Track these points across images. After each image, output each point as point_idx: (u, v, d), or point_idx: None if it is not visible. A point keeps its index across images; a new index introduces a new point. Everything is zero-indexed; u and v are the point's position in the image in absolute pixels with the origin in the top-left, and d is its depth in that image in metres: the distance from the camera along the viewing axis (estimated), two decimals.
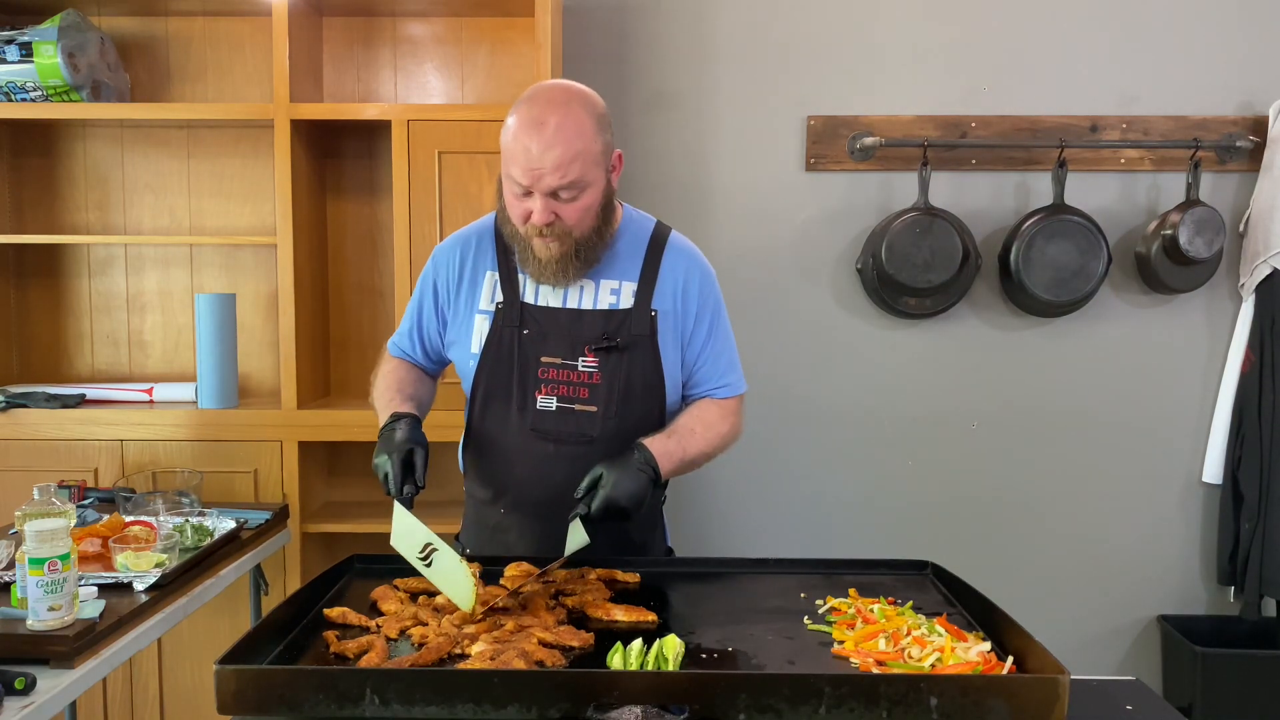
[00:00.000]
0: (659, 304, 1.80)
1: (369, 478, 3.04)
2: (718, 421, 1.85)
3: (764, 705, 1.19)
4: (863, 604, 1.56)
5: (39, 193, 3.02)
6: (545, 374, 1.78)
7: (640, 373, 1.79)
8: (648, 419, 1.80)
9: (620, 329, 1.78)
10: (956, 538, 3.10)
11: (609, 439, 1.76)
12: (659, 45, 3.03)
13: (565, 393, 1.78)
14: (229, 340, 2.80)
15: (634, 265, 1.81)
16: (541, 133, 1.62)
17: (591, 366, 1.77)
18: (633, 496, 1.63)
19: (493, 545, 1.88)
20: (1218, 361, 3.07)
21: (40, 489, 1.80)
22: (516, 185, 1.66)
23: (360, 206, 3.04)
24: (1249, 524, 2.98)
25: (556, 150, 1.62)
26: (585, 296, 1.80)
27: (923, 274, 2.89)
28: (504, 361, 1.79)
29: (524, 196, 1.67)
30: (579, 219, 1.69)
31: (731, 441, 1.89)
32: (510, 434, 1.80)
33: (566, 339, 1.78)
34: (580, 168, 1.64)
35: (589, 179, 1.67)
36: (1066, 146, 2.94)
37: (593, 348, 1.77)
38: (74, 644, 1.60)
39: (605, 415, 1.77)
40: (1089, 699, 1.43)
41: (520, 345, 1.79)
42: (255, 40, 2.96)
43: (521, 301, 1.80)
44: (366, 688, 1.20)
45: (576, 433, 1.78)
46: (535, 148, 1.62)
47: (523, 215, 1.69)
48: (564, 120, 1.63)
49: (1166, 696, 3.00)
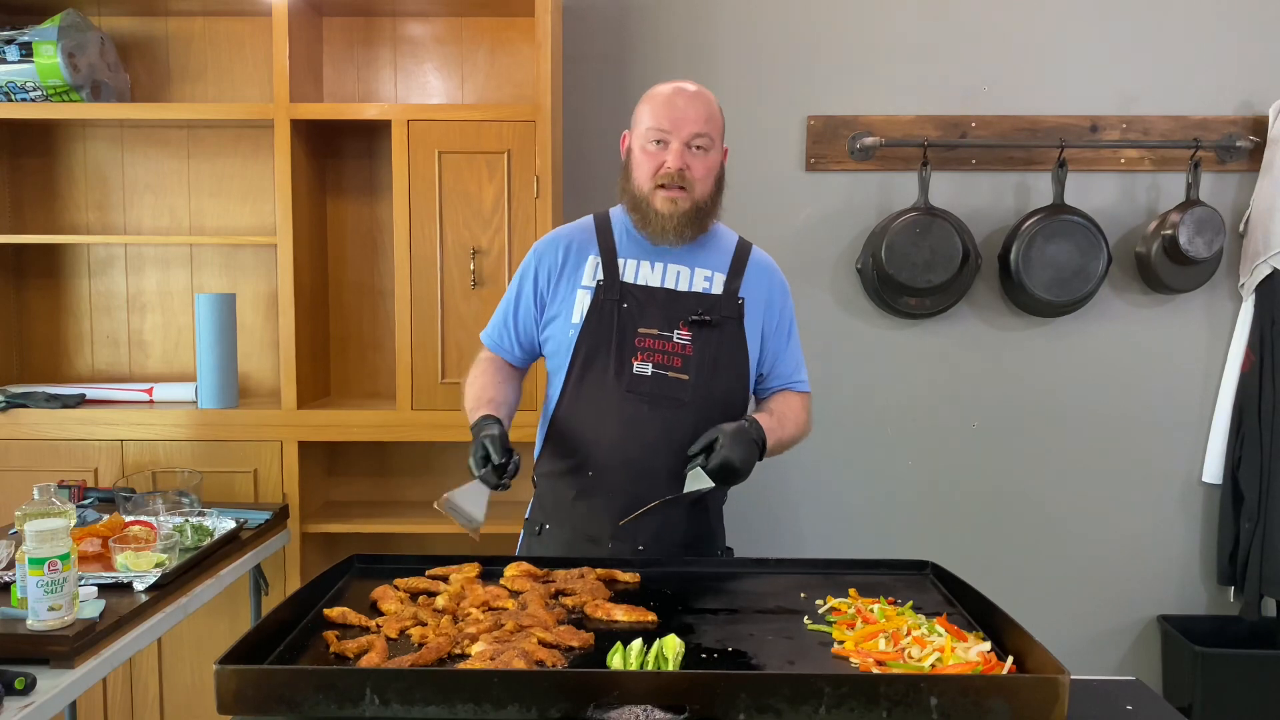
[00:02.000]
0: (745, 294, 1.99)
1: (369, 477, 3.07)
2: (801, 411, 2.05)
3: (764, 705, 1.19)
4: (863, 604, 1.56)
5: (39, 193, 3.02)
6: (642, 343, 1.92)
7: (728, 349, 1.95)
8: (732, 392, 1.96)
9: (713, 308, 1.95)
10: (956, 538, 3.10)
11: (697, 405, 1.91)
12: (659, 45, 3.03)
13: (660, 360, 1.92)
14: (229, 340, 2.80)
15: (724, 260, 2.01)
16: (685, 94, 1.92)
17: (685, 339, 1.93)
18: (745, 461, 1.80)
19: (572, 516, 1.97)
20: (1218, 361, 3.07)
21: (40, 489, 1.80)
22: (655, 136, 1.90)
23: (360, 206, 3.04)
24: (1249, 524, 2.98)
25: (699, 104, 1.90)
26: (681, 279, 1.97)
27: (923, 274, 2.89)
28: (604, 329, 1.93)
29: (659, 149, 1.90)
30: (704, 175, 1.91)
31: (807, 434, 2.07)
32: (607, 396, 1.92)
33: (662, 313, 1.94)
34: (711, 127, 1.91)
35: (715, 140, 1.93)
36: (1066, 146, 2.94)
37: (687, 321, 1.93)
38: (74, 644, 1.60)
39: (696, 383, 1.91)
40: (1089, 699, 1.43)
41: (619, 316, 1.93)
42: (255, 40, 2.96)
43: (621, 280, 1.96)
44: (366, 688, 1.20)
45: (669, 396, 1.91)
46: (681, 101, 1.90)
47: (654, 168, 1.90)
48: (700, 93, 1.94)
49: (1166, 696, 3.00)
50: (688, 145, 1.88)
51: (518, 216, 2.71)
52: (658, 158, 1.89)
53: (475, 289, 2.72)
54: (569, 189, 3.01)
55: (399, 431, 2.75)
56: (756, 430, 1.85)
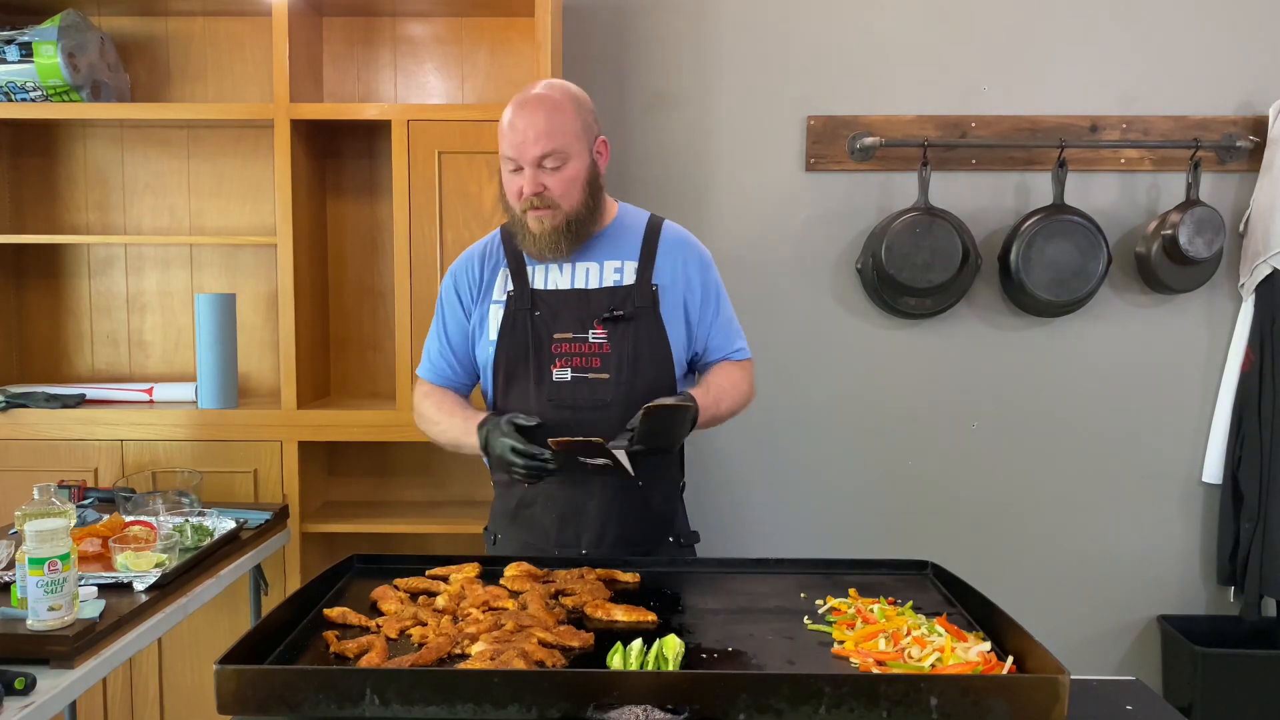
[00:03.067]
0: (659, 279, 1.96)
1: (369, 477, 3.07)
2: (740, 380, 2.03)
3: (764, 705, 1.19)
4: (863, 604, 1.56)
5: (39, 193, 3.02)
6: (559, 349, 1.92)
7: (647, 341, 1.93)
8: (657, 385, 1.93)
9: (625, 301, 1.93)
10: (956, 538, 3.10)
11: (622, 403, 1.89)
12: (659, 45, 3.03)
13: (579, 364, 1.92)
14: (229, 340, 2.80)
15: (634, 247, 1.98)
16: (524, 111, 1.87)
17: (601, 337, 1.92)
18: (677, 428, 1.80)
19: (519, 524, 1.99)
20: (1218, 361, 3.07)
21: (40, 489, 1.80)
22: (509, 163, 1.88)
23: (360, 206, 3.04)
24: (1249, 524, 2.98)
25: (538, 123, 1.84)
26: (591, 277, 1.95)
27: (923, 274, 2.89)
28: (519, 342, 1.94)
29: (515, 173, 1.87)
30: (565, 189, 1.87)
31: (749, 401, 2.07)
32: (530, 408, 1.91)
33: (575, 315, 1.93)
34: (559, 139, 1.85)
35: (569, 151, 1.87)
36: (1066, 146, 2.94)
37: (600, 319, 1.92)
38: (74, 644, 1.60)
39: (617, 381, 1.91)
40: (1089, 699, 1.43)
41: (533, 325, 1.93)
42: (255, 40, 2.96)
43: (531, 288, 1.95)
44: (366, 688, 1.20)
45: (592, 399, 1.91)
46: (520, 123, 1.85)
47: (516, 192, 1.88)
48: (542, 101, 1.87)
49: (1166, 696, 3.00)
50: (538, 166, 1.85)
51: None
52: (516, 182, 1.87)
53: None
54: None
55: (399, 431, 2.75)
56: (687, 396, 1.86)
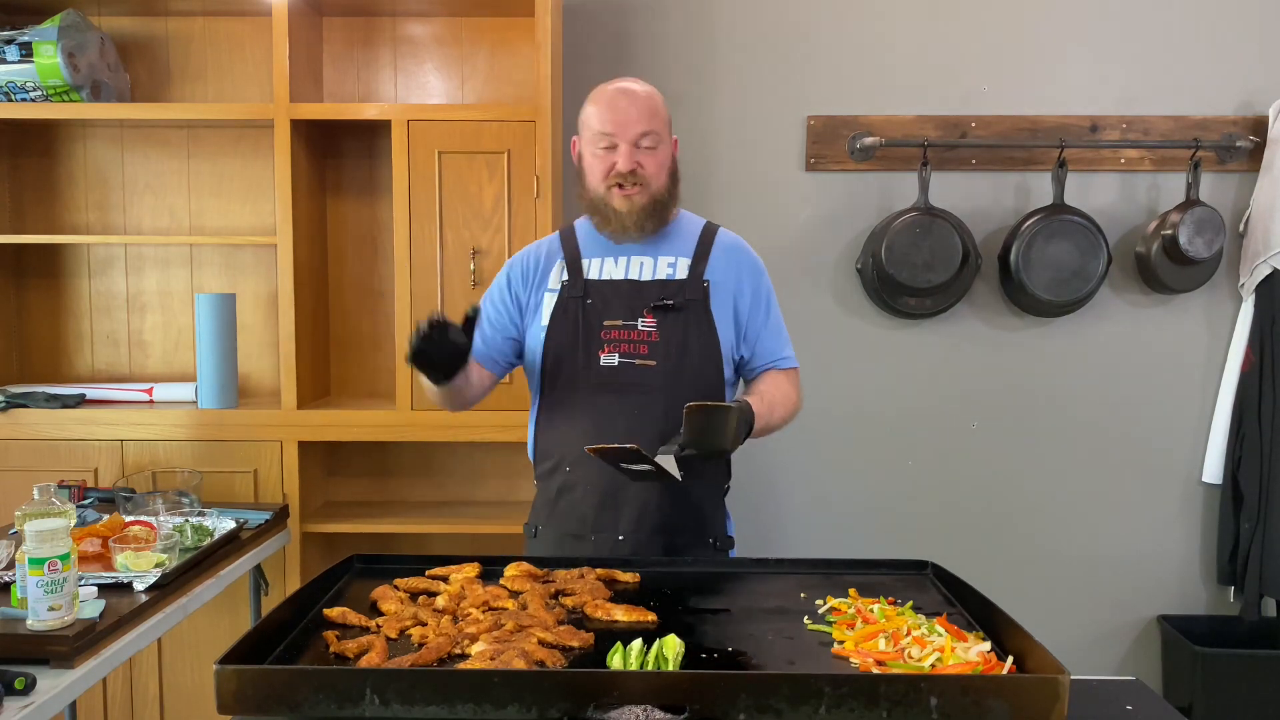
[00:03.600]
0: (711, 277, 1.99)
1: (369, 477, 3.07)
2: (790, 390, 2.04)
3: (764, 705, 1.19)
4: (863, 604, 1.56)
5: (39, 193, 3.02)
6: (608, 334, 1.95)
7: (695, 333, 1.96)
8: (703, 377, 1.96)
9: (676, 293, 1.96)
10: (956, 538, 3.10)
11: (667, 389, 1.91)
12: (659, 45, 3.03)
13: (626, 350, 1.94)
14: (229, 340, 2.80)
15: (689, 246, 2.02)
16: (624, 94, 1.94)
17: (650, 325, 1.95)
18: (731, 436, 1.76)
19: (559, 513, 2.00)
20: (1218, 361, 3.07)
21: (40, 489, 1.80)
22: (603, 140, 1.92)
23: (360, 206, 3.04)
24: (1249, 524, 2.98)
25: (642, 103, 1.93)
26: (645, 269, 1.99)
27: (923, 274, 2.89)
28: (569, 327, 1.97)
29: (608, 152, 1.93)
30: (656, 170, 1.94)
31: (798, 411, 2.06)
32: (577, 391, 1.95)
33: (626, 304, 1.96)
34: (657, 123, 1.94)
35: (663, 136, 1.96)
36: (1066, 146, 2.94)
37: (650, 307, 1.95)
38: (74, 644, 1.60)
39: (663, 370, 1.93)
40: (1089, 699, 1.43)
41: (584, 312, 1.97)
42: (255, 40, 2.96)
43: (586, 279, 2.00)
44: (366, 688, 1.20)
45: (637, 384, 1.93)
46: (623, 103, 1.93)
47: (606, 169, 1.93)
48: (639, 89, 1.96)
49: (1166, 696, 3.00)
50: (635, 145, 1.91)
51: (518, 216, 2.71)
52: (608, 160, 1.92)
53: (475, 289, 2.72)
54: (569, 189, 3.01)
55: (399, 431, 2.75)
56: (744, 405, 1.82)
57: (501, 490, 3.06)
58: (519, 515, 2.85)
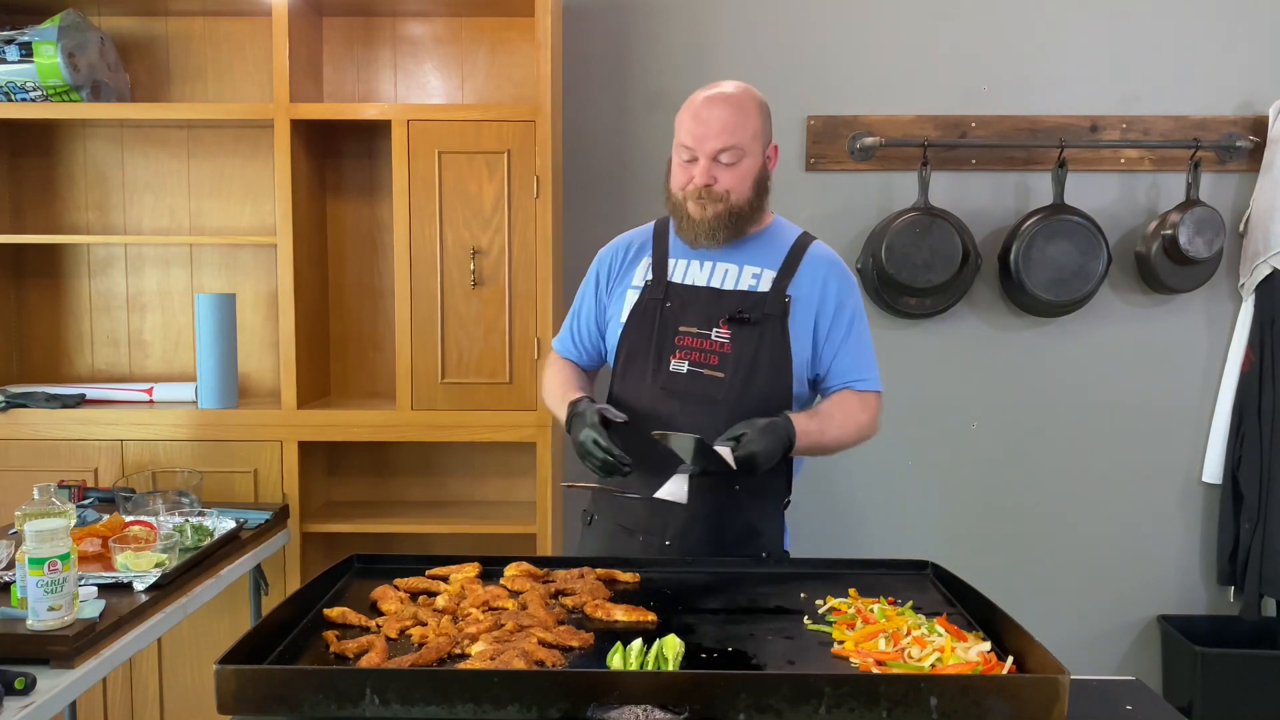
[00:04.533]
0: (795, 292, 1.94)
1: (369, 477, 3.07)
2: (857, 411, 1.97)
3: (764, 705, 1.19)
4: (863, 604, 1.56)
5: (39, 193, 3.02)
6: (681, 341, 1.93)
7: (769, 349, 1.91)
8: (772, 395, 1.91)
9: (756, 306, 1.92)
10: (956, 538, 3.10)
11: (733, 404, 1.88)
12: (659, 45, 3.03)
13: (697, 358, 1.92)
14: (229, 340, 2.80)
15: (777, 257, 1.97)
16: (709, 105, 1.89)
17: (724, 337, 1.91)
18: (768, 454, 1.75)
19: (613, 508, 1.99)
20: (1218, 361, 3.07)
21: (40, 489, 1.80)
22: (684, 152, 1.90)
23: (360, 206, 3.04)
24: (1249, 524, 2.98)
25: (722, 118, 1.87)
26: (729, 278, 1.95)
27: (923, 274, 2.89)
28: (645, 328, 1.95)
29: (689, 164, 1.89)
30: (735, 184, 1.89)
31: (868, 435, 2.01)
32: (644, 394, 1.93)
33: (704, 312, 1.93)
34: (739, 136, 1.87)
35: (746, 148, 1.89)
36: (1066, 146, 2.94)
37: (726, 319, 1.91)
38: (74, 644, 1.60)
39: (731, 383, 1.89)
40: (1089, 699, 1.43)
41: (661, 315, 1.95)
42: (255, 40, 2.96)
43: (668, 280, 1.97)
44: (366, 688, 1.20)
45: (703, 394, 1.90)
46: (707, 113, 1.88)
47: (684, 180, 1.90)
48: (729, 98, 1.90)
49: (1166, 696, 3.00)
50: (714, 159, 1.87)
51: (518, 216, 2.71)
52: (688, 171, 1.90)
53: (475, 289, 2.72)
54: (569, 189, 3.01)
55: (399, 431, 2.75)
56: (786, 426, 1.80)
57: (501, 490, 3.06)
58: (519, 515, 2.86)
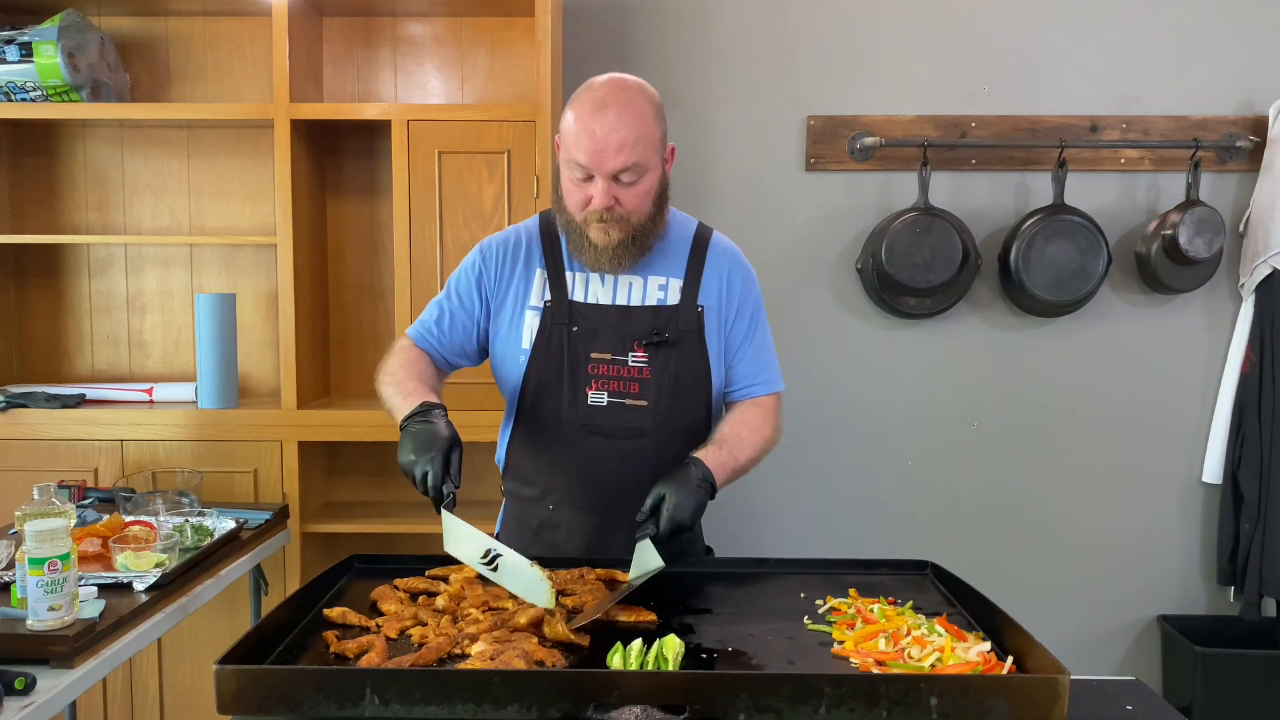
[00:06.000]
0: (704, 300, 1.84)
1: (369, 477, 3.07)
2: (761, 425, 1.86)
3: (764, 705, 1.19)
4: (863, 604, 1.56)
5: (39, 193, 3.02)
6: (595, 370, 1.80)
7: (689, 367, 1.82)
8: (695, 413, 1.85)
9: (669, 324, 1.81)
10: (956, 538, 3.10)
11: (658, 432, 1.80)
12: (659, 45, 3.03)
13: (616, 388, 1.80)
14: (229, 340, 2.80)
15: (679, 262, 1.85)
16: (604, 117, 1.67)
17: (641, 361, 1.80)
18: (695, 514, 1.64)
19: (538, 543, 1.87)
20: (1218, 361, 3.07)
21: (40, 489, 1.79)
22: (578, 170, 1.71)
23: (360, 206, 3.04)
24: (1249, 524, 2.98)
25: (620, 133, 1.67)
26: (634, 293, 1.83)
27: (923, 274, 2.89)
28: (554, 358, 1.81)
29: (584, 182, 1.71)
30: (637, 204, 1.73)
31: (774, 445, 1.90)
32: (562, 429, 1.82)
33: (615, 335, 1.81)
34: (641, 151, 1.69)
35: (648, 164, 1.72)
36: (1066, 146, 2.94)
37: (642, 343, 1.80)
38: (74, 644, 1.60)
39: (655, 409, 1.80)
40: (1089, 699, 1.43)
41: (570, 342, 1.81)
42: (255, 40, 2.96)
43: (570, 300, 1.83)
44: (366, 688, 1.20)
45: (627, 427, 1.80)
46: (599, 130, 1.67)
47: (582, 201, 1.73)
48: (626, 106, 1.69)
49: (1166, 696, 3.00)
50: (614, 179, 1.69)
51: (518, 216, 2.71)
52: (584, 191, 1.71)
53: None
54: None
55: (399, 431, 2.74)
56: (701, 472, 1.66)
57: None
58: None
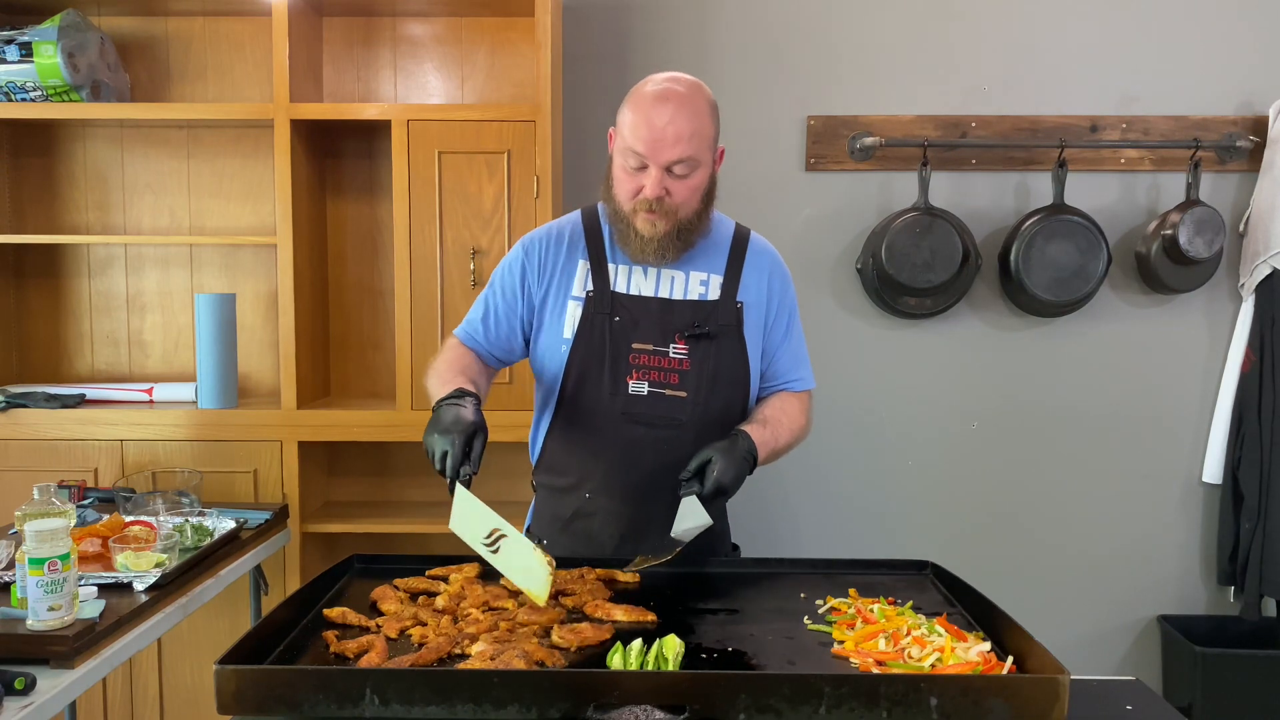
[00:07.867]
0: (743, 297, 1.88)
1: (369, 477, 3.07)
2: (798, 414, 1.93)
3: (764, 705, 1.19)
4: (863, 604, 1.56)
5: (39, 193, 3.02)
6: (637, 360, 1.83)
7: (728, 361, 1.86)
8: (732, 406, 1.88)
9: (709, 318, 1.85)
10: (956, 538, 3.10)
11: (697, 423, 1.83)
12: (659, 45, 3.03)
13: (656, 378, 1.83)
14: (229, 340, 2.80)
15: (720, 259, 1.90)
16: (664, 108, 1.72)
17: (682, 354, 1.84)
18: (737, 480, 1.70)
19: (570, 534, 1.90)
20: (1218, 361, 3.07)
21: (40, 489, 1.80)
22: (633, 158, 1.74)
23: (360, 206, 3.04)
24: (1249, 524, 2.98)
25: (677, 125, 1.71)
26: (676, 286, 1.87)
27: (923, 274, 2.89)
28: (596, 347, 1.84)
29: (638, 172, 1.75)
30: (687, 198, 1.77)
31: (805, 435, 1.96)
32: (601, 418, 1.84)
33: (657, 326, 1.84)
34: (696, 145, 1.74)
35: (701, 159, 1.76)
36: (1066, 146, 2.94)
37: (684, 335, 1.83)
38: (74, 644, 1.60)
39: (694, 401, 1.83)
40: (1089, 699, 1.43)
41: (611, 331, 1.84)
42: (255, 40, 2.96)
43: (612, 290, 1.85)
44: (366, 688, 1.20)
45: (666, 417, 1.83)
46: (659, 120, 1.71)
47: (633, 190, 1.76)
48: (685, 100, 1.73)
49: (1166, 696, 3.00)
50: (667, 170, 1.73)
51: (518, 216, 2.71)
52: (636, 180, 1.75)
53: (475, 289, 2.72)
54: (569, 189, 3.01)
55: (399, 431, 2.75)
56: (747, 444, 1.73)
57: (502, 490, 3.04)
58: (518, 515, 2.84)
